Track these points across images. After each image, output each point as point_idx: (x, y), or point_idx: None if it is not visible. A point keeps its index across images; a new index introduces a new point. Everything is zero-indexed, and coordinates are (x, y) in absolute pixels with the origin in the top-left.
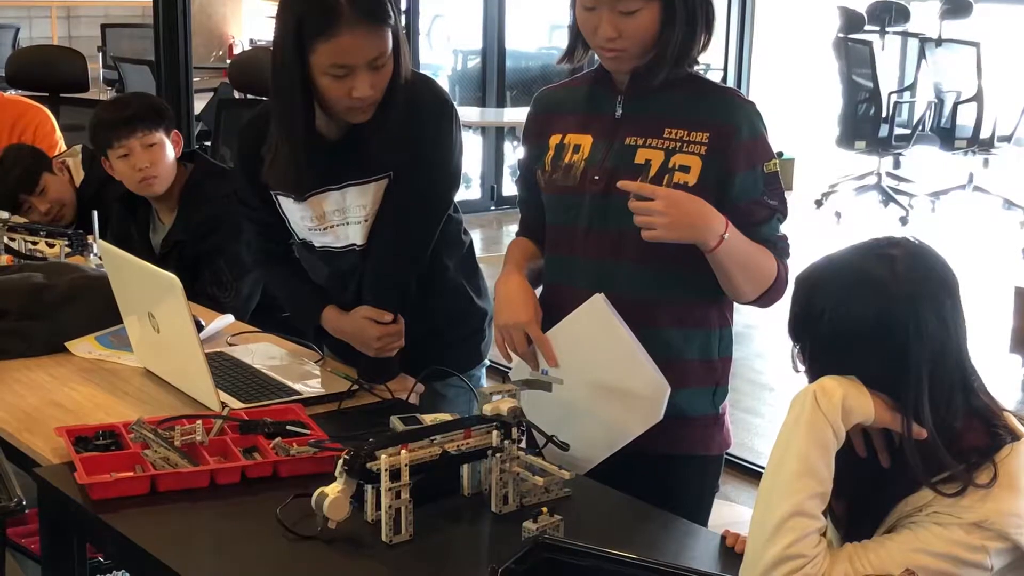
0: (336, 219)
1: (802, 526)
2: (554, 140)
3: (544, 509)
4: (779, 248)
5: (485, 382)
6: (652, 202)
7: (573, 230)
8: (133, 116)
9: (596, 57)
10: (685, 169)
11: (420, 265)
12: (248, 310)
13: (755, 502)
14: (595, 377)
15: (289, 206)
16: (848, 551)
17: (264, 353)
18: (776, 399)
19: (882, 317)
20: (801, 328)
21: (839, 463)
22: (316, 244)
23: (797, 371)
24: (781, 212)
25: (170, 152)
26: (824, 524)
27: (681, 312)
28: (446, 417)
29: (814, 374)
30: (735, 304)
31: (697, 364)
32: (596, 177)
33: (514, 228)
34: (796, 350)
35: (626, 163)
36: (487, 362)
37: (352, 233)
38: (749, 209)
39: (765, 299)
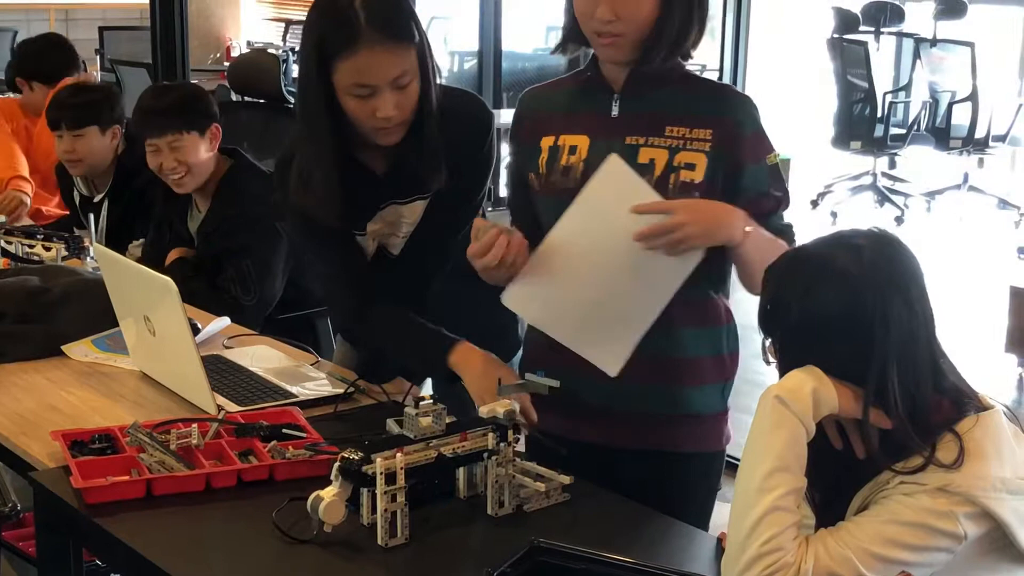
0: (384, 232)
1: (780, 521)
2: (546, 142)
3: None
4: (789, 236)
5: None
6: (672, 217)
7: None
8: (166, 114)
9: (587, 55)
10: (691, 167)
11: (447, 267)
12: (264, 314)
13: (733, 500)
14: (629, 243)
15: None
16: (822, 534)
17: (260, 356)
18: None
19: (850, 307)
20: (770, 320)
21: (811, 453)
22: None
23: (768, 363)
24: (785, 202)
25: (203, 150)
26: (800, 517)
27: (694, 310)
28: None
29: (784, 366)
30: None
31: (710, 361)
32: None
33: None
34: (767, 342)
35: (629, 164)
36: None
37: (389, 243)
38: (758, 202)
39: None
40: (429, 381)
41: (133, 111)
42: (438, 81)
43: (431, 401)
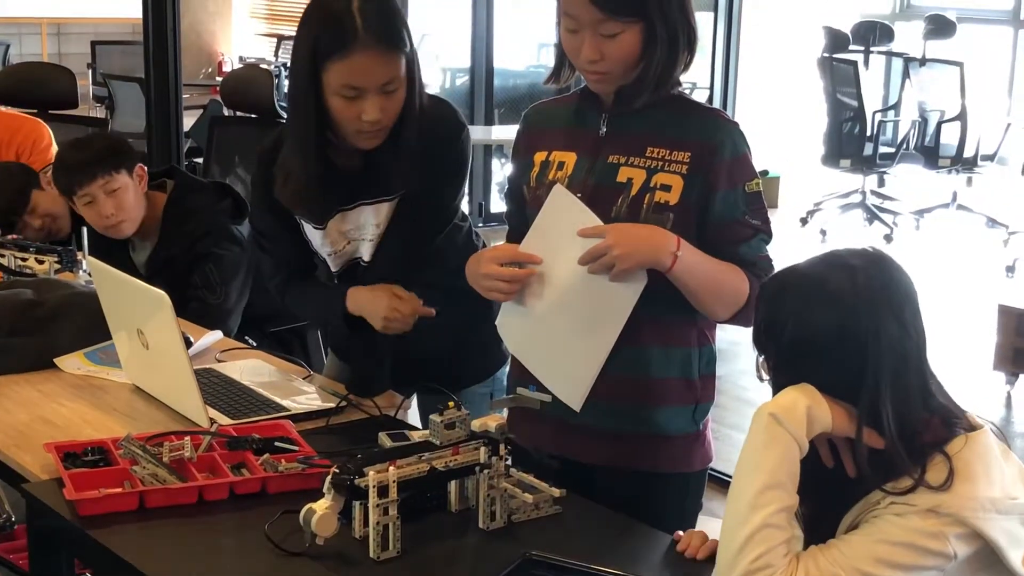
0: (352, 235)
1: (770, 538)
2: (539, 157)
3: (451, 403)
4: (758, 268)
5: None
6: (603, 240)
7: None
8: (93, 160)
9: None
10: (667, 188)
11: (421, 276)
12: (238, 314)
13: (724, 515)
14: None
15: (310, 231)
16: (813, 551)
17: (252, 369)
18: None
19: (843, 327)
20: (765, 338)
21: (803, 470)
22: (332, 269)
23: (762, 380)
24: (764, 232)
25: (135, 191)
26: (791, 534)
27: (663, 330)
28: None
29: (778, 383)
30: (717, 323)
31: (677, 382)
32: (579, 195)
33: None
34: (760, 359)
35: (608, 181)
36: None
37: (361, 248)
38: (730, 228)
39: (741, 318)
40: (415, 396)
41: (55, 172)
42: (423, 90)
43: (455, 408)
